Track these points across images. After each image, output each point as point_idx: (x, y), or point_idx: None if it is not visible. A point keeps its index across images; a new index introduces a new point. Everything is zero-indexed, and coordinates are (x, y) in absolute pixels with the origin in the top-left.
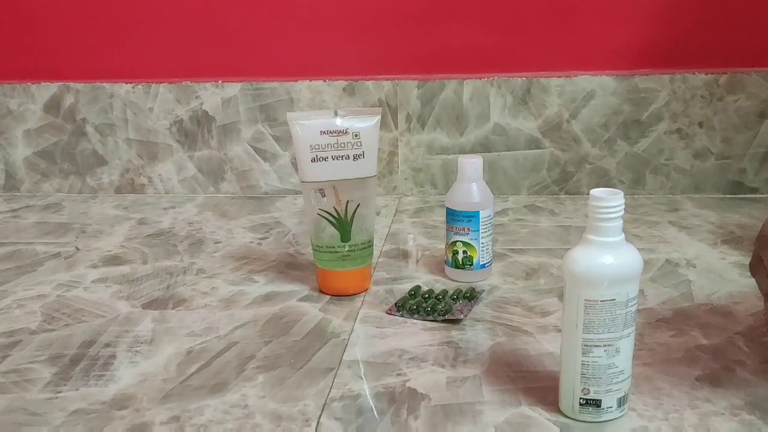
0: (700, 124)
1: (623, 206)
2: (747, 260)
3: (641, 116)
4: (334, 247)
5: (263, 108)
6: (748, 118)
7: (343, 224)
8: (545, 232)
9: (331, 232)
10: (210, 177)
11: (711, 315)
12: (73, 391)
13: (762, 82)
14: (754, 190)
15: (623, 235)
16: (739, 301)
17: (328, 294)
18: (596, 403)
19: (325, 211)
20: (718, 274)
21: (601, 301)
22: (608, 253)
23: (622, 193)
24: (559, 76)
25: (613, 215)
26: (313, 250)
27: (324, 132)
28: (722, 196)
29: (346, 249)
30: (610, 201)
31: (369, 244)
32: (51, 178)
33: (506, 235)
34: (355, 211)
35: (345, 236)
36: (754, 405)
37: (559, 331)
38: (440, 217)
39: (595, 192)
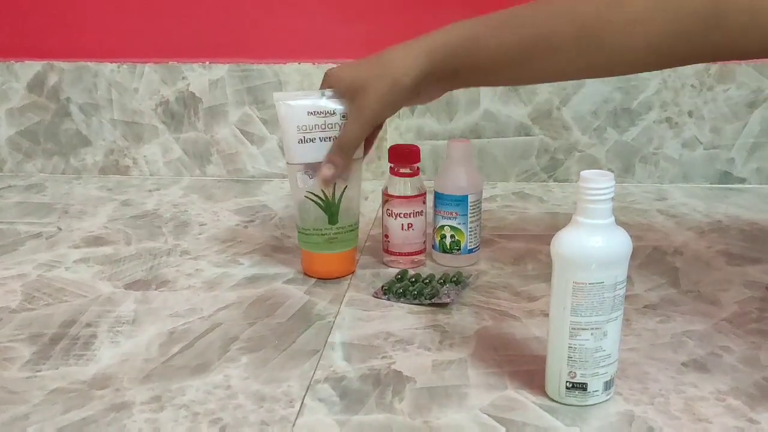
0: (690, 114)
1: (613, 188)
2: (734, 249)
3: (631, 105)
4: (321, 230)
5: (251, 90)
6: (738, 108)
7: (330, 206)
8: (533, 219)
9: (317, 215)
10: (196, 159)
11: (697, 302)
12: (52, 370)
13: (752, 72)
14: (742, 180)
15: (613, 217)
16: (725, 289)
17: (313, 277)
18: (582, 387)
19: (313, 193)
20: (705, 262)
21: (590, 283)
22: (597, 236)
23: (612, 175)
24: None
25: (602, 197)
26: (299, 233)
27: (311, 113)
28: (710, 185)
29: (333, 231)
30: (599, 182)
31: (355, 227)
32: (34, 158)
33: (494, 222)
34: (342, 193)
35: (332, 218)
36: (740, 390)
37: (546, 315)
38: (428, 202)
39: (585, 173)
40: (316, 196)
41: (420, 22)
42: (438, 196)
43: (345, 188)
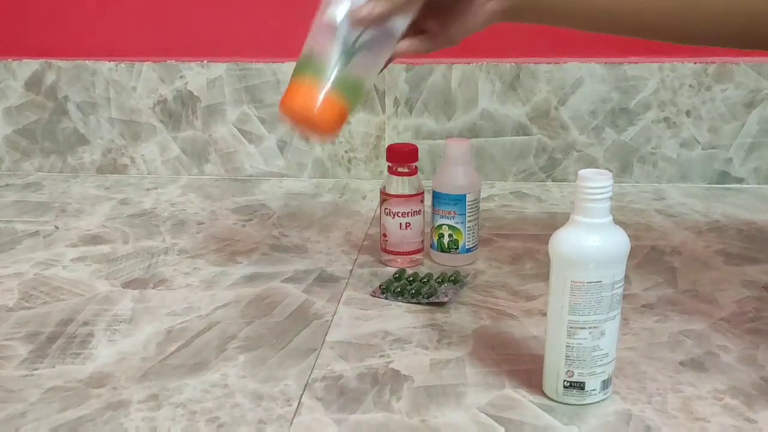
0: (688, 113)
1: (611, 187)
2: (732, 249)
3: (629, 104)
4: (324, 60)
5: (249, 89)
6: (736, 108)
7: (346, 45)
8: (531, 219)
9: (329, 48)
10: (194, 158)
11: (695, 301)
12: (49, 368)
13: (750, 72)
14: (740, 180)
15: (611, 216)
16: (723, 289)
17: (288, 112)
18: (580, 386)
19: (335, 28)
20: (703, 262)
21: (587, 282)
22: (595, 235)
23: (610, 174)
24: (548, 63)
25: (600, 196)
26: (300, 63)
27: None
28: (708, 185)
29: (339, 69)
30: (597, 181)
31: (360, 86)
32: (32, 156)
33: (492, 221)
34: (362, 48)
35: (346, 55)
36: (738, 390)
37: (544, 314)
38: (426, 201)
39: (583, 172)
40: (336, 28)
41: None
42: (436, 196)
43: (368, 48)
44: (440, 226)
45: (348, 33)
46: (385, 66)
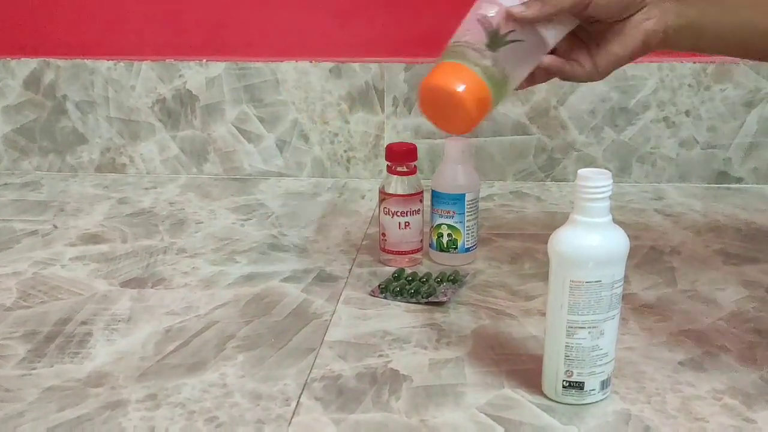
0: (687, 113)
1: (611, 187)
2: (731, 249)
3: (629, 104)
4: (474, 46)
5: (248, 88)
6: (735, 107)
7: (497, 38)
8: (531, 218)
9: (478, 39)
10: (193, 158)
11: (694, 301)
12: (47, 368)
13: (749, 72)
14: (739, 180)
15: (610, 216)
16: (722, 288)
17: (430, 92)
18: (579, 386)
19: (486, 17)
20: (702, 262)
21: (587, 282)
22: (595, 234)
23: (609, 174)
24: None
25: (600, 195)
26: (447, 50)
27: None
28: (707, 185)
29: (485, 56)
30: (597, 181)
31: (503, 81)
32: (30, 155)
33: (491, 221)
34: (511, 43)
35: (493, 43)
36: (737, 390)
37: (543, 314)
38: (425, 201)
39: (583, 172)
40: (489, 23)
41: (418, 20)
42: (435, 195)
43: (517, 47)
44: (439, 225)
45: (498, 27)
46: (529, 80)
